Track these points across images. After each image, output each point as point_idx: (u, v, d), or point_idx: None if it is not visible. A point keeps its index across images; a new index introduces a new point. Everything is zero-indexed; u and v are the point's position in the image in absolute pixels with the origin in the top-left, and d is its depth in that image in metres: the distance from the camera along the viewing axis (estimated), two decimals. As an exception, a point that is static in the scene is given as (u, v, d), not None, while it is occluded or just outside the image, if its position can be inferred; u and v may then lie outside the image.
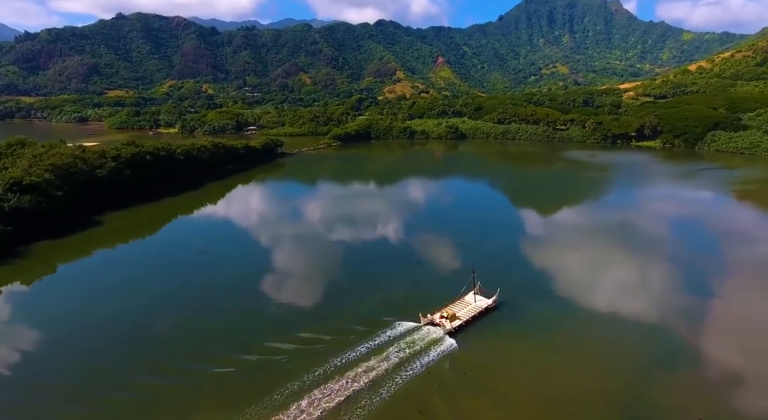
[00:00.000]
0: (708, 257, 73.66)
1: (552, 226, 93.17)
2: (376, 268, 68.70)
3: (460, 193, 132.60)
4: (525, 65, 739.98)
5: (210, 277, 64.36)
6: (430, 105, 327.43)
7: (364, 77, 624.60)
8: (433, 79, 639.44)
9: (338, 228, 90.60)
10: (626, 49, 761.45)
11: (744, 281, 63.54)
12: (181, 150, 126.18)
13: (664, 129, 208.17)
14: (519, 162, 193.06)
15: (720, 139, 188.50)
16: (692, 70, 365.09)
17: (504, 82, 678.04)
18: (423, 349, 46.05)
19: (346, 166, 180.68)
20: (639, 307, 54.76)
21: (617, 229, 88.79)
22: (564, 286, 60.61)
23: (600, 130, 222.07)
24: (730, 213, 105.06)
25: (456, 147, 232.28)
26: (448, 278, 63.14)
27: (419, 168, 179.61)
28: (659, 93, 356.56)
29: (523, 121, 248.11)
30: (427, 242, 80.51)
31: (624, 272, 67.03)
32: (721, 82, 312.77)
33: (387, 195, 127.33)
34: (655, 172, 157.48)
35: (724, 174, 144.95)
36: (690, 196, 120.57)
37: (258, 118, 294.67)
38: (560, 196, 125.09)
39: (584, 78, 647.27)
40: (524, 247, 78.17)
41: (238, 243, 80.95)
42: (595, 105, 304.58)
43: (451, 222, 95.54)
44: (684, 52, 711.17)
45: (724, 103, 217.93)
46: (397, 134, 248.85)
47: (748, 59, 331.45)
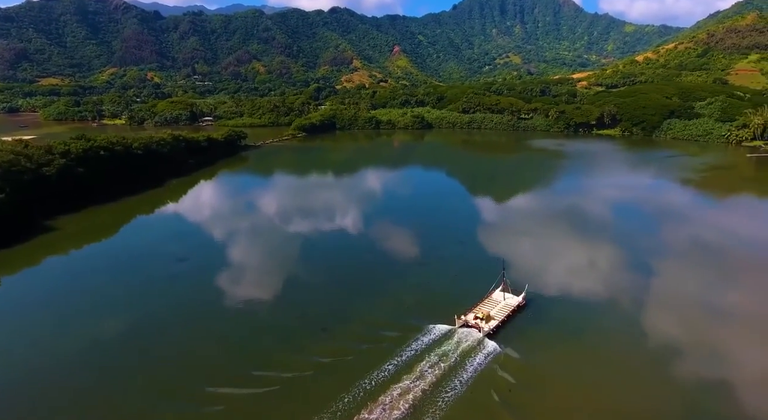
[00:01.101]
0: (653, 238, 76.30)
1: (542, 217, 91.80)
2: (378, 269, 64.08)
3: (441, 186, 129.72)
4: (479, 55, 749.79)
5: (196, 290, 57.06)
6: (392, 94, 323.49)
7: (320, 66, 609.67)
8: (390, 69, 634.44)
9: (323, 226, 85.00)
10: (574, 41, 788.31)
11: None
12: (138, 144, 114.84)
13: (622, 117, 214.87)
14: (487, 151, 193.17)
15: (675, 127, 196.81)
16: (639, 61, 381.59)
17: (460, 71, 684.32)
18: (467, 355, 42.72)
19: (315, 159, 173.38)
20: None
21: (582, 216, 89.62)
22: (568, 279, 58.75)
23: (563, 119, 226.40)
24: (686, 198, 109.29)
25: (422, 137, 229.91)
26: (451, 275, 60.54)
27: (390, 159, 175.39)
28: (610, 82, 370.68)
29: (487, 111, 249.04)
30: (419, 240, 76.80)
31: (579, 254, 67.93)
32: (667, 73, 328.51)
33: (366, 189, 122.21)
34: (618, 159, 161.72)
35: (683, 161, 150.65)
36: (642, 183, 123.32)
37: (213, 108, 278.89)
38: (537, 183, 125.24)
39: (536, 68, 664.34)
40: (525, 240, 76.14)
41: (217, 247, 73.49)
42: (551, 94, 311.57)
43: (436, 216, 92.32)
44: (627, 44, 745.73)
45: (676, 92, 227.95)
46: (362, 124, 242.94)
47: (690, 50, 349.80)
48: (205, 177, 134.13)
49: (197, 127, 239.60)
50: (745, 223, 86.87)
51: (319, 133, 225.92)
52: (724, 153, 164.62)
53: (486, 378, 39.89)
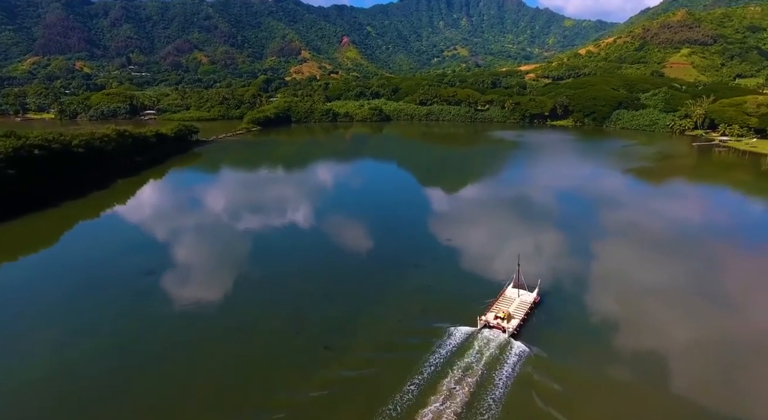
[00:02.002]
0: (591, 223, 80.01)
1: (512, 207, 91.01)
2: (366, 273, 59.79)
3: (405, 183, 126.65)
4: (428, 47, 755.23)
5: (172, 310, 49.80)
6: (346, 86, 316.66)
7: (267, 56, 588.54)
8: (340, 60, 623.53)
9: (295, 227, 79.39)
10: (517, 34, 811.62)
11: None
12: (78, 141, 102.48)
13: (574, 109, 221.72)
14: (448, 143, 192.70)
15: (624, 117, 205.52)
16: (582, 54, 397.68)
17: (409, 63, 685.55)
18: (497, 359, 40.55)
19: (273, 154, 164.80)
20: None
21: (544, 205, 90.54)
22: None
23: (518, 110, 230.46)
24: (640, 187, 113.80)
25: (381, 129, 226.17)
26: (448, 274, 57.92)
27: (353, 154, 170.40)
28: (557, 75, 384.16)
29: (444, 102, 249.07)
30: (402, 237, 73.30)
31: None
32: (608, 65, 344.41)
33: (333, 187, 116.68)
34: (576, 150, 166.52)
35: (638, 150, 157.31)
36: (603, 172, 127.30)
37: (156, 100, 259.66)
38: (502, 174, 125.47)
39: (483, 60, 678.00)
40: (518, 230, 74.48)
41: (186, 256, 66.02)
42: (502, 86, 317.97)
43: (406, 211, 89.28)
44: (566, 38, 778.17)
45: (621, 84, 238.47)
46: (319, 117, 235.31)
47: (628, 44, 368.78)
48: (156, 176, 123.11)
49: (139, 122, 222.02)
50: (698, 207, 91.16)
51: (274, 126, 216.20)
52: (672, 142, 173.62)
53: (524, 382, 37.60)
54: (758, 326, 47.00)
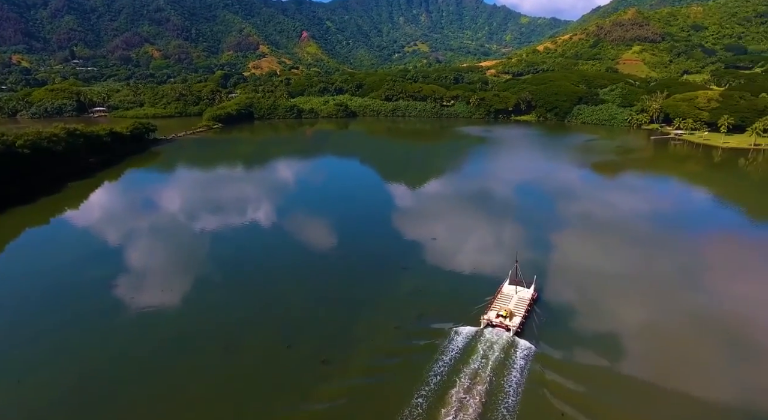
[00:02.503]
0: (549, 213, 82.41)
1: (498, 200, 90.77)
2: (363, 278, 57.14)
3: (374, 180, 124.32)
4: (388, 43, 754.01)
5: (145, 329, 45.36)
6: (309, 82, 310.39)
7: (224, 51, 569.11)
8: (300, 55, 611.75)
9: (272, 231, 75.60)
10: (476, 30, 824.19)
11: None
12: (23, 141, 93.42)
13: (537, 104, 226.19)
14: (416, 139, 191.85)
15: (585, 112, 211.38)
16: (540, 50, 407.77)
17: (370, 58, 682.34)
18: (505, 358, 39.68)
19: (237, 152, 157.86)
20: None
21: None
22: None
23: (483, 106, 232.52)
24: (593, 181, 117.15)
25: (347, 125, 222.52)
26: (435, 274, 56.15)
27: (319, 150, 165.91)
28: (516, 70, 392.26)
29: (410, 98, 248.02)
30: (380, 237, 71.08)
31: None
32: (566, 62, 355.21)
33: (303, 186, 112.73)
34: (547, 145, 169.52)
35: (603, 144, 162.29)
36: (562, 167, 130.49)
37: (106, 97, 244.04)
38: (472, 169, 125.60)
39: (444, 56, 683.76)
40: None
41: (149, 264, 60.87)
42: (464, 81, 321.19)
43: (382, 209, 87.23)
44: (523, 35, 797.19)
45: (580, 79, 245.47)
46: (282, 113, 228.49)
47: (583, 41, 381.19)
48: (112, 177, 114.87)
49: (88, 120, 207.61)
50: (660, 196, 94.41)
51: (236, 123, 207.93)
52: (631, 136, 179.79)
53: (536, 382, 36.94)
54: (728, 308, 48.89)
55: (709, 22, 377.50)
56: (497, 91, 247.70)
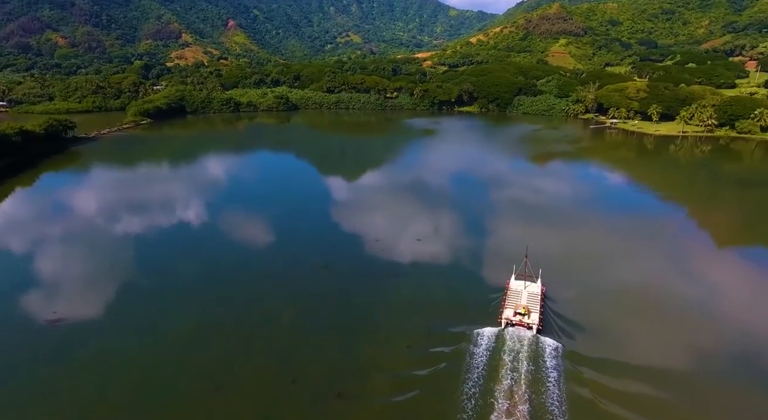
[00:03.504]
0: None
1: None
2: (352, 291, 51.73)
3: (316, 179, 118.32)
4: (320, 33, 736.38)
5: (101, 369, 37.21)
6: (242, 73, 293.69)
7: (141, 40, 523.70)
8: (227, 45, 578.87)
9: (232, 239, 67.64)
10: (407, 22, 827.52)
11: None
12: None
13: (479, 95, 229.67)
14: (362, 132, 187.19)
15: (525, 103, 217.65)
16: (474, 43, 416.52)
17: (303, 49, 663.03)
18: (534, 360, 38.25)
19: (170, 149, 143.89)
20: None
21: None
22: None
23: (427, 97, 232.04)
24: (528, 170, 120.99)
25: (289, 119, 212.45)
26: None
27: (264, 145, 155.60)
28: (452, 62, 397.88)
29: (353, 90, 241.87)
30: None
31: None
32: (498, 54, 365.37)
33: (256, 188, 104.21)
34: (491, 135, 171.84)
35: (548, 134, 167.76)
36: (521, 159, 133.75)
37: (6, 90, 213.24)
38: (425, 161, 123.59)
39: (377, 47, 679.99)
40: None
41: (91, 290, 51.23)
42: (403, 73, 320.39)
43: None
44: (452, 27, 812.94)
45: (516, 71, 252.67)
46: (218, 107, 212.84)
47: (513, 34, 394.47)
48: (25, 183, 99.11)
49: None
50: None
51: (166, 118, 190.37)
52: (570, 125, 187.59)
53: (576, 382, 35.65)
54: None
55: (623, 18, 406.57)
56: (439, 82, 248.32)
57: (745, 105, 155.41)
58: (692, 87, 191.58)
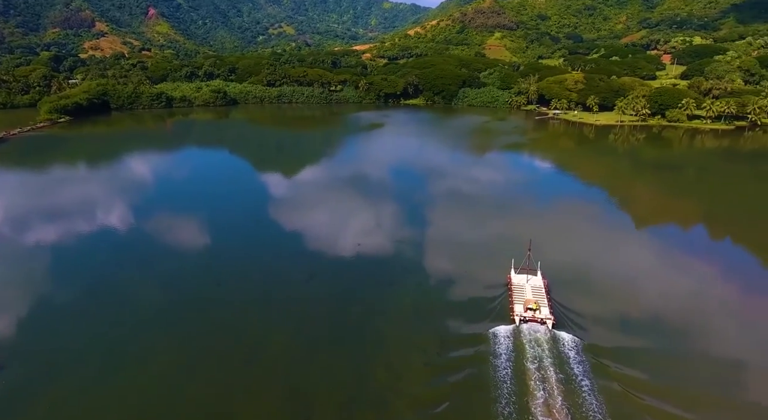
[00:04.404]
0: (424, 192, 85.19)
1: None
2: (349, 308, 46.73)
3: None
4: (250, 24, 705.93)
5: None
6: (171, 66, 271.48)
7: (47, 28, 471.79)
8: (149, 35, 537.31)
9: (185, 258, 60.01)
10: (341, 14, 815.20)
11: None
12: None
13: (424, 88, 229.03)
14: (307, 127, 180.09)
15: (470, 95, 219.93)
16: (412, 35, 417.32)
17: (233, 41, 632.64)
18: (557, 357, 37.57)
19: (97, 151, 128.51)
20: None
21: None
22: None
23: (373, 90, 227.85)
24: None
25: (227, 114, 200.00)
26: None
27: (205, 143, 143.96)
28: (391, 55, 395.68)
29: (295, 83, 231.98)
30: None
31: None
32: (437, 47, 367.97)
33: (204, 195, 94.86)
34: (445, 128, 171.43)
35: (498, 125, 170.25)
36: (480, 151, 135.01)
37: None
38: (377, 154, 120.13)
39: (312, 39, 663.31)
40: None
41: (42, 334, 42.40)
42: (342, 65, 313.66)
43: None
44: (387, 19, 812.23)
45: (458, 64, 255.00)
46: (148, 103, 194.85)
47: (450, 27, 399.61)
48: None
49: None
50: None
51: (87, 115, 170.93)
52: (518, 116, 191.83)
53: (603, 376, 35.33)
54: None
55: (551, 13, 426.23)
56: (384, 75, 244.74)
57: (672, 95, 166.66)
58: (623, 79, 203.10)
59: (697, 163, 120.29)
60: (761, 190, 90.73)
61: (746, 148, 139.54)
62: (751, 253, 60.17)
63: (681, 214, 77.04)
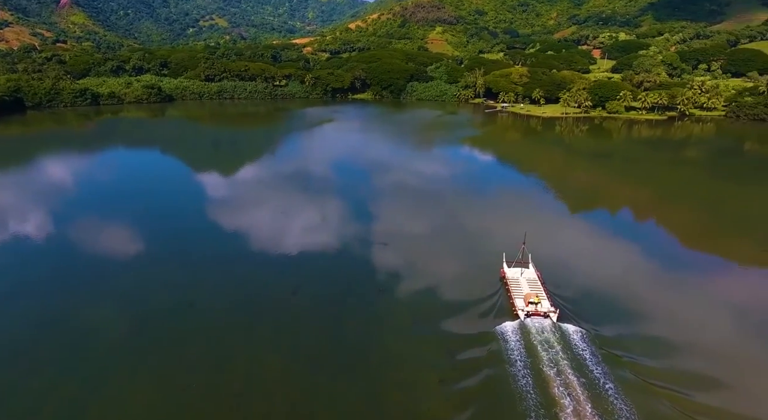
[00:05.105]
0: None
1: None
2: (342, 324, 42.47)
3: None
4: (178, 15, 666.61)
5: None
6: (93, 60, 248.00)
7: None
8: (62, 26, 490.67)
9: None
10: (277, 6, 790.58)
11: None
12: None
13: (372, 82, 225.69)
14: (250, 124, 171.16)
15: (418, 89, 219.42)
16: (353, 29, 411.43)
17: (160, 33, 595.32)
18: (567, 350, 37.02)
19: (11, 156, 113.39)
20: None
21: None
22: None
23: (319, 85, 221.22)
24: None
25: (163, 111, 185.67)
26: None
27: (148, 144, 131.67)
28: (333, 48, 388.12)
29: (236, 78, 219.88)
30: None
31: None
32: (379, 40, 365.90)
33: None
34: (400, 123, 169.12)
35: (452, 118, 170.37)
36: (441, 145, 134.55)
37: None
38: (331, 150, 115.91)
39: (247, 32, 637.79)
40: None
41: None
42: (283, 60, 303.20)
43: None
44: (324, 13, 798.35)
45: (403, 57, 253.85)
46: (70, 100, 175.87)
47: (391, 21, 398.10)
48: None
49: None
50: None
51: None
52: (468, 110, 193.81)
53: (615, 365, 35.18)
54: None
55: (488, 9, 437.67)
56: (329, 69, 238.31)
57: (610, 88, 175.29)
58: (563, 72, 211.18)
59: (634, 151, 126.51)
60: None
61: (676, 136, 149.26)
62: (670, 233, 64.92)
63: (622, 199, 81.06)
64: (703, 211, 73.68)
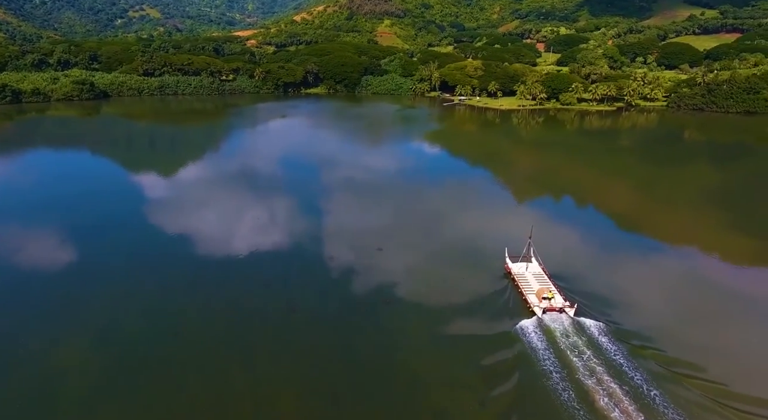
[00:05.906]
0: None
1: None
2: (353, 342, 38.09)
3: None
4: (104, 5, 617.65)
5: None
6: (8, 52, 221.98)
7: None
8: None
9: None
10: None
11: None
12: None
13: (325, 76, 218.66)
14: (195, 120, 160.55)
15: (373, 83, 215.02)
16: (298, 21, 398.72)
17: (84, 24, 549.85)
18: (590, 346, 36.08)
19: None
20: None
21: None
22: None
23: (270, 79, 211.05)
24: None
25: (98, 109, 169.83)
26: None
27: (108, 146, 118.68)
28: (279, 41, 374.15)
29: (179, 72, 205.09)
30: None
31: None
32: (327, 33, 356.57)
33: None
34: (360, 118, 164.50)
35: (413, 112, 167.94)
36: (413, 141, 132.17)
37: None
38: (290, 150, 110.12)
39: (183, 24, 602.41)
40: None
41: None
42: (226, 53, 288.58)
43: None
44: (265, 4, 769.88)
45: (355, 51, 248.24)
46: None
47: (338, 14, 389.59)
48: None
49: None
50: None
51: None
52: (425, 103, 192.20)
53: (640, 357, 35.02)
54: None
55: (434, 2, 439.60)
56: (279, 63, 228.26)
57: (562, 80, 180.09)
58: (515, 65, 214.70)
59: (585, 141, 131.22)
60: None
61: (625, 126, 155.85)
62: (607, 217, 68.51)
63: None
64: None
